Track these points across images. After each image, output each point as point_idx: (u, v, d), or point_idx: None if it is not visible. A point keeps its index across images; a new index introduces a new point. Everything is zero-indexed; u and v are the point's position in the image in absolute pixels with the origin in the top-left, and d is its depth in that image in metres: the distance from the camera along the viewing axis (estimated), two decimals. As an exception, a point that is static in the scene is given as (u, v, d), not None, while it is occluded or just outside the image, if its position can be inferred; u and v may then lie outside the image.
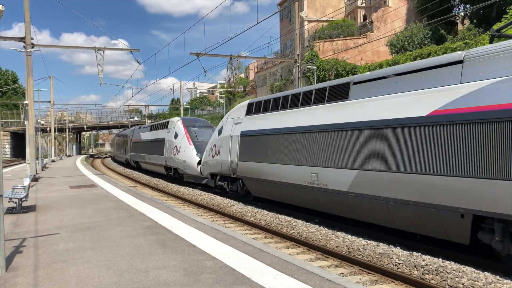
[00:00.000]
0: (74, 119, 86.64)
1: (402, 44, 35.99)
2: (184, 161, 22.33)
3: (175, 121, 25.36)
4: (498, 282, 6.77)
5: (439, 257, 8.09)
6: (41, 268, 6.38)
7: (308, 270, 6.06)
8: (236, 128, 15.92)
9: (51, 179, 22.69)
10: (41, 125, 47.31)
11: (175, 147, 23.71)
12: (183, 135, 23.41)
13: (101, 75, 23.67)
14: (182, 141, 23.14)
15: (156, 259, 6.75)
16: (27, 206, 12.27)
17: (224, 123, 17.33)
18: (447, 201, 7.72)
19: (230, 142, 16.07)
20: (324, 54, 40.43)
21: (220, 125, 17.89)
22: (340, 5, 50.32)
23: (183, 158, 22.50)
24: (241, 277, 5.79)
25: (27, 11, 20.55)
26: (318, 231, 10.78)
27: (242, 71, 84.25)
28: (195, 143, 22.39)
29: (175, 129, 24.57)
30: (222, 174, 17.00)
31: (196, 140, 22.69)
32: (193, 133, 23.32)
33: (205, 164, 18.86)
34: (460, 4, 36.83)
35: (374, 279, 7.43)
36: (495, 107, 7.04)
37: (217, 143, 17.43)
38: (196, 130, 23.72)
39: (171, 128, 25.58)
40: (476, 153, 7.28)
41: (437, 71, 8.33)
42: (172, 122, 25.95)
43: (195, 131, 23.54)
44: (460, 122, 7.55)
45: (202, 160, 19.51)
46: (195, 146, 22.07)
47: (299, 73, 25.03)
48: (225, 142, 16.56)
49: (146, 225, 9.58)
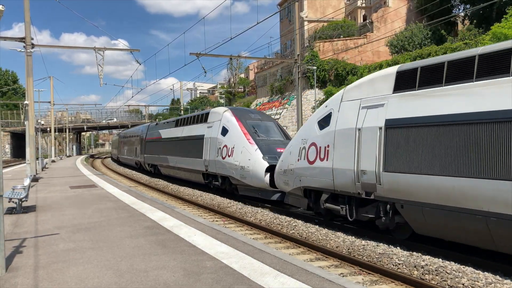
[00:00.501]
0: (74, 119, 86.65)
1: (402, 44, 36.00)
2: (242, 167, 16.06)
3: (221, 112, 18.97)
4: (498, 282, 6.77)
5: (439, 257, 8.08)
6: (41, 268, 6.38)
7: (308, 270, 6.06)
8: (371, 115, 9.88)
9: (51, 179, 22.68)
10: (41, 125, 47.31)
11: (224, 147, 17.56)
12: (237, 131, 17.14)
13: (101, 75, 23.68)
14: (237, 139, 16.92)
15: (156, 259, 6.75)
16: (27, 206, 12.26)
17: (334, 108, 11.08)
18: None
19: (357, 139, 10.08)
20: (324, 54, 40.45)
21: (322, 112, 11.65)
22: (340, 5, 50.34)
23: (240, 162, 16.24)
24: (241, 277, 5.79)
25: (27, 11, 20.57)
26: (318, 231, 10.79)
27: (242, 71, 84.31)
28: (258, 142, 16.32)
29: (222, 123, 18.34)
30: (336, 191, 10.73)
31: (258, 138, 16.61)
32: (251, 128, 17.07)
33: (288, 174, 12.77)
34: (460, 5, 36.85)
35: (374, 279, 7.43)
36: None
37: (318, 140, 11.40)
38: (254, 124, 17.46)
39: (214, 122, 19.20)
40: None
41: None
42: (216, 114, 19.50)
43: (252, 125, 17.33)
44: None
45: (279, 168, 13.47)
46: (258, 147, 16.00)
47: (299, 73, 25.04)
48: (342, 139, 10.57)
49: (146, 225, 9.58)
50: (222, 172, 17.66)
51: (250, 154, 15.76)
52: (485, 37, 22.64)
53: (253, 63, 73.40)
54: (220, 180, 18.31)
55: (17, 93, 79.14)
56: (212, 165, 18.58)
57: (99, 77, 23.93)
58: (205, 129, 19.87)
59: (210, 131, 19.18)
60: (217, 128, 18.54)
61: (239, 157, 16.26)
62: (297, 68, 25.00)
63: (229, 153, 17.02)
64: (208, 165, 18.95)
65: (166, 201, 17.28)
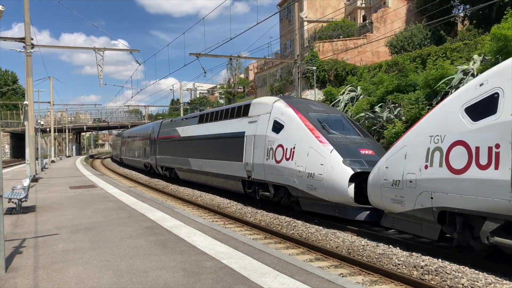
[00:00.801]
0: (74, 119, 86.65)
1: (402, 45, 36.00)
2: (310, 175, 11.80)
3: (270, 103, 14.68)
4: (498, 282, 6.77)
5: (438, 258, 8.09)
6: (41, 268, 6.38)
7: (308, 271, 6.07)
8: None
9: (51, 180, 22.68)
10: (40, 125, 47.32)
11: (279, 147, 13.26)
12: (299, 126, 12.83)
13: (101, 75, 23.68)
14: (299, 137, 12.61)
15: (156, 259, 6.75)
16: (27, 207, 12.26)
17: (504, 87, 7.08)
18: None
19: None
20: (324, 54, 40.47)
21: (473, 94, 7.63)
22: (340, 5, 50.36)
23: (306, 168, 11.99)
24: (241, 277, 5.79)
25: (27, 12, 20.57)
26: (318, 231, 10.79)
27: (242, 71, 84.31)
28: (333, 141, 11.92)
29: (274, 116, 14.02)
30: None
31: (331, 136, 12.23)
32: (317, 123, 12.73)
33: (404, 187, 8.76)
34: (460, 5, 36.87)
35: (374, 280, 7.43)
36: None
37: (470, 138, 7.46)
38: (320, 118, 13.15)
39: (259, 116, 14.86)
40: None
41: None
42: (262, 105, 15.14)
43: (318, 119, 12.99)
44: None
45: (379, 177, 9.54)
46: (335, 147, 11.61)
47: (298, 73, 25.04)
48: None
49: (146, 225, 9.58)
50: (276, 180, 13.40)
51: (323, 157, 11.49)
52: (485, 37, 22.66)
53: (253, 63, 73.44)
54: (272, 190, 13.89)
55: (17, 93, 79.16)
56: (258, 170, 14.35)
57: (99, 77, 23.93)
58: (246, 124, 15.67)
59: (254, 127, 15.01)
60: (265, 123, 14.31)
61: (305, 161, 12.05)
62: (296, 68, 25.01)
63: (287, 156, 12.80)
64: (252, 170, 14.70)
65: (166, 201, 17.28)
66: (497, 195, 6.85)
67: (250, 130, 15.30)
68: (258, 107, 15.41)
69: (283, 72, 48.60)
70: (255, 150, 14.63)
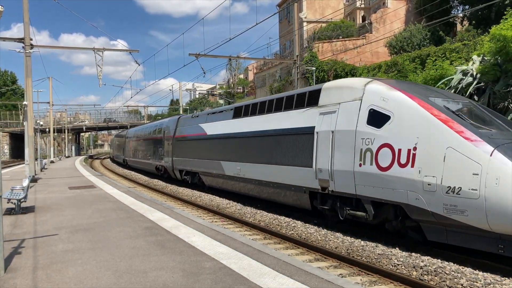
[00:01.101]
0: (73, 119, 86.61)
1: (401, 45, 36.02)
2: (451, 189, 7.88)
3: (359, 86, 10.68)
4: (497, 283, 6.78)
5: (437, 258, 8.10)
6: (40, 269, 6.37)
7: (307, 271, 6.07)
8: None
9: (50, 180, 22.66)
10: (40, 126, 47.29)
11: (383, 148, 9.37)
12: (423, 116, 8.85)
13: (100, 75, 23.68)
14: (425, 133, 8.68)
15: (155, 260, 6.75)
16: (26, 207, 12.25)
17: None
18: None
19: None
20: (323, 55, 40.49)
21: None
22: (339, 6, 50.39)
23: (442, 179, 8.12)
24: (240, 278, 5.79)
25: (26, 12, 20.56)
26: (317, 232, 10.79)
27: (241, 71, 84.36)
28: (490, 138, 8.04)
29: (370, 104, 10.07)
30: None
31: (482, 131, 8.31)
32: (451, 113, 8.87)
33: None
34: (459, 5, 36.93)
35: (373, 280, 7.44)
36: None
37: None
38: (453, 106, 9.37)
39: (340, 104, 11.07)
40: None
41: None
42: (347, 90, 11.09)
43: (448, 107, 9.17)
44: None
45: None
46: (497, 148, 7.66)
47: (298, 74, 25.05)
48: None
49: (145, 226, 9.58)
50: (379, 194, 9.40)
51: (478, 163, 7.64)
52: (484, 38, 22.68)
53: (252, 63, 73.47)
54: (370, 209, 9.83)
55: (16, 94, 79.18)
56: (343, 180, 10.35)
57: (98, 77, 23.93)
58: (315, 117, 11.85)
59: (331, 120, 11.11)
60: (353, 114, 10.40)
61: (439, 169, 8.18)
62: (296, 68, 25.01)
63: (403, 160, 8.84)
64: (331, 179, 10.76)
65: (165, 201, 17.27)
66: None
67: (324, 124, 11.40)
68: (336, 92, 11.43)
69: (283, 72, 48.62)
70: (336, 152, 10.65)
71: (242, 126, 16.17)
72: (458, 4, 36.71)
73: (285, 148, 13.00)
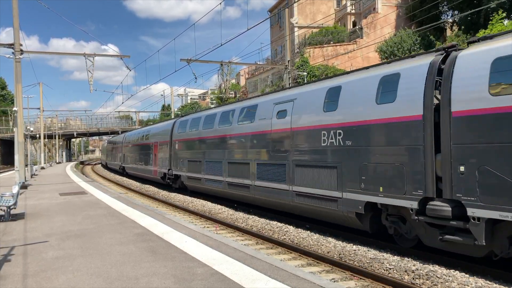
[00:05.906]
0: (64, 125, 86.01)
1: (392, 50, 36.34)
2: None
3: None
4: (488, 286, 6.82)
5: (429, 262, 8.14)
6: (30, 276, 6.30)
7: (299, 276, 6.06)
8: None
9: (41, 186, 22.46)
10: (30, 131, 46.90)
11: None
12: None
13: (91, 81, 23.57)
14: None
15: (146, 266, 6.71)
16: (16, 214, 12.12)
17: None
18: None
19: None
20: (315, 60, 40.68)
21: None
22: (330, 11, 50.71)
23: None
24: (232, 283, 5.77)
25: (16, 18, 20.45)
26: (309, 236, 10.79)
27: (233, 76, 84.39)
28: None
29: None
30: None
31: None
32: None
33: None
34: (449, 11, 37.36)
35: (366, 284, 7.44)
36: None
37: None
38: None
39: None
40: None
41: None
42: None
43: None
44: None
45: None
46: None
47: (289, 79, 25.13)
48: None
49: (136, 232, 9.52)
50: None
51: None
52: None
53: (244, 68, 73.59)
54: None
55: (6, 100, 78.50)
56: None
57: (89, 83, 23.82)
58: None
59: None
60: None
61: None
62: (287, 74, 25.09)
63: None
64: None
65: (157, 207, 17.18)
66: None
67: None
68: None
69: (274, 77, 48.76)
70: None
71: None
72: (448, 10, 37.13)
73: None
